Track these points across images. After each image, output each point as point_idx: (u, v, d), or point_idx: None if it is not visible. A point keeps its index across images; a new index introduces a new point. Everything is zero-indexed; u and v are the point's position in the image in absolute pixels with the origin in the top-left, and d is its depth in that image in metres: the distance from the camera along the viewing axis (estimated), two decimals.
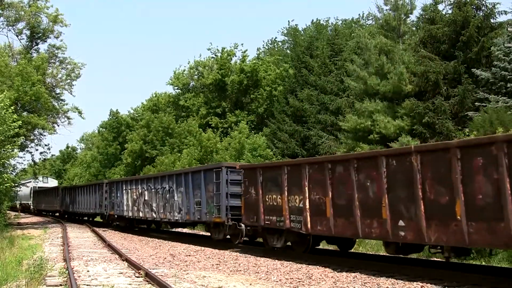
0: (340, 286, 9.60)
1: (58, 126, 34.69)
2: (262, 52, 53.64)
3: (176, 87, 49.61)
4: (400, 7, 23.76)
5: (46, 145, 35.04)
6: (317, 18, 58.44)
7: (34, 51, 35.53)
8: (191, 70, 49.04)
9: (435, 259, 12.96)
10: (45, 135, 34.22)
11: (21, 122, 23.84)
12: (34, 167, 39.82)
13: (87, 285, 9.54)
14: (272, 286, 9.81)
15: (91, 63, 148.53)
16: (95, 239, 21.23)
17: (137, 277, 10.49)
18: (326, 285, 9.78)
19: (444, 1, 23.47)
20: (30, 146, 33.96)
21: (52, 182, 57.25)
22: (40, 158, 36.23)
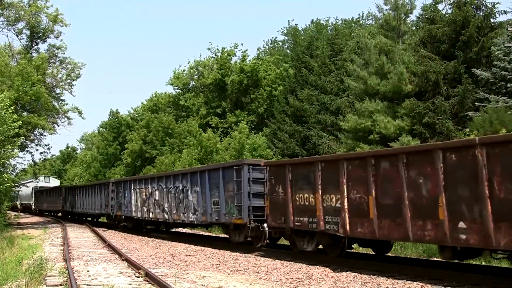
0: (340, 286, 9.60)
1: (58, 126, 34.85)
2: (262, 52, 53.73)
3: (176, 87, 49.68)
4: (400, 7, 23.75)
5: (46, 145, 35.26)
6: (317, 18, 58.66)
7: (34, 51, 35.63)
8: (191, 70, 49.10)
9: (435, 259, 12.94)
10: (45, 135, 34.37)
11: (21, 122, 23.86)
12: (34, 167, 39.91)
13: (87, 285, 9.55)
14: (272, 286, 9.81)
15: (91, 63, 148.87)
16: (95, 239, 21.24)
17: (137, 277, 10.49)
18: (326, 285, 9.77)
19: (444, 1, 23.54)
20: (30, 146, 34.09)
21: (54, 182, 56.88)
22: (40, 158, 36.36)
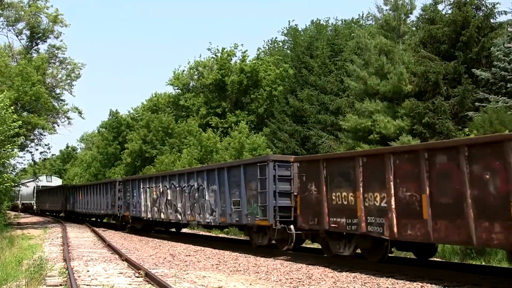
0: (340, 286, 9.60)
1: (58, 126, 34.92)
2: (262, 52, 53.73)
3: (176, 87, 49.69)
4: (400, 7, 23.73)
5: (46, 145, 35.30)
6: (317, 18, 58.58)
7: (34, 51, 35.68)
8: (191, 70, 49.11)
9: (435, 259, 12.94)
10: (45, 135, 34.41)
11: (21, 122, 23.87)
12: (34, 167, 39.97)
13: (87, 285, 9.55)
14: (272, 286, 9.81)
15: (91, 63, 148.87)
16: (95, 239, 21.25)
17: (137, 277, 10.50)
18: (326, 285, 9.78)
19: (444, 1, 23.50)
20: (30, 146, 34.13)
21: (56, 181, 56.23)
22: (40, 158, 36.41)
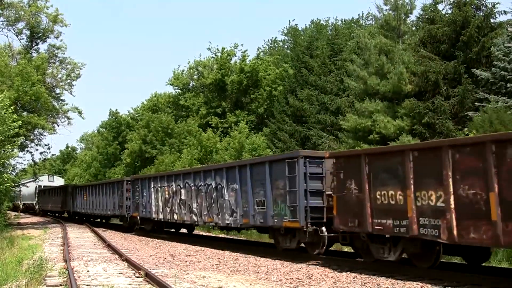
0: (340, 286, 9.60)
1: (58, 126, 34.94)
2: (262, 52, 53.74)
3: (176, 87, 49.69)
4: (400, 7, 23.73)
5: (46, 145, 35.26)
6: (317, 18, 58.52)
7: (34, 51, 35.69)
8: (191, 70, 49.12)
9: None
10: (45, 135, 34.41)
11: (21, 122, 23.88)
12: (34, 167, 39.90)
13: (87, 285, 9.56)
14: (272, 286, 9.81)
15: (91, 63, 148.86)
16: (95, 239, 21.25)
17: (137, 277, 10.50)
18: (326, 285, 9.77)
19: (444, 1, 23.49)
20: (30, 146, 34.11)
21: (58, 181, 55.73)
22: (40, 158, 36.38)
